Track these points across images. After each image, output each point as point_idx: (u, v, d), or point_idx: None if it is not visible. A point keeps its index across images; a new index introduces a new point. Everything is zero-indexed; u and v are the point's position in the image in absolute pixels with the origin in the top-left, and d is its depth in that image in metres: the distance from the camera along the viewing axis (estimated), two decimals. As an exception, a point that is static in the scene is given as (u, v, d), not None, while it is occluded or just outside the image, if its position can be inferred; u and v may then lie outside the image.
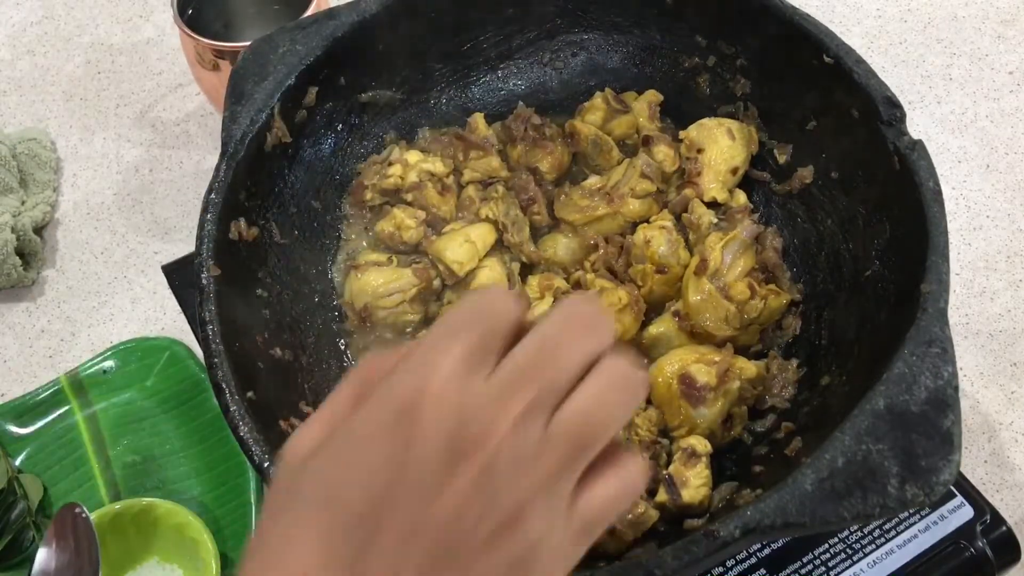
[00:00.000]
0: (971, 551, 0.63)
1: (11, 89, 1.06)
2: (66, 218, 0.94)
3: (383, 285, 0.70)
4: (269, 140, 0.68)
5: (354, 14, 0.71)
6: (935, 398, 0.49)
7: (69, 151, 1.00)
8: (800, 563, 0.63)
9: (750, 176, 0.74)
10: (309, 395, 0.65)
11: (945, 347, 0.51)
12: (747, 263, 0.67)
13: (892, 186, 0.60)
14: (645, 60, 0.80)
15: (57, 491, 0.75)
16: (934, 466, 0.47)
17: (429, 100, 0.80)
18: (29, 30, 1.12)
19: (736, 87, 0.75)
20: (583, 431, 0.35)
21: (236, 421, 0.55)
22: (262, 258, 0.68)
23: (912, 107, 0.95)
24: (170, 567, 0.69)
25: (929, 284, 0.53)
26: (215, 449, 0.75)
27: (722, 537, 0.47)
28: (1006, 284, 0.83)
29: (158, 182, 0.96)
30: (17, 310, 0.88)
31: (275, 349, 0.65)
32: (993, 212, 0.88)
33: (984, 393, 0.77)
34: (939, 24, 1.03)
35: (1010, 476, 0.73)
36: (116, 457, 0.76)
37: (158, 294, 0.87)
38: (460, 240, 0.70)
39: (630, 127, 0.77)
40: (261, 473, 0.53)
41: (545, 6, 0.79)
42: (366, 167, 0.76)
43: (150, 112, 1.02)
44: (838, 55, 0.65)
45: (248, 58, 0.70)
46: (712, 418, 0.62)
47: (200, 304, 0.60)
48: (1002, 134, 0.93)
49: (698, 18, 0.75)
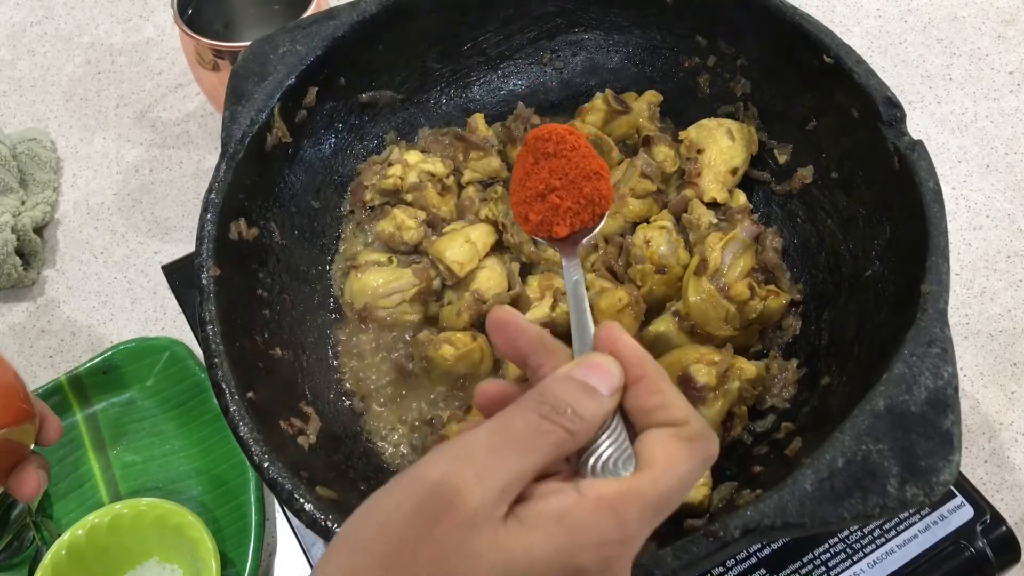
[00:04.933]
0: (971, 551, 0.63)
1: (11, 89, 1.06)
2: (66, 218, 0.94)
3: (383, 285, 0.70)
4: (269, 140, 0.68)
5: (354, 14, 0.71)
6: (935, 398, 0.49)
7: (69, 151, 1.00)
8: (800, 563, 0.63)
9: (750, 176, 0.74)
10: (309, 395, 0.65)
11: (945, 347, 0.51)
12: (747, 263, 0.67)
13: (892, 186, 0.60)
14: (645, 60, 0.80)
15: (57, 491, 0.75)
16: (934, 466, 0.47)
17: (429, 100, 0.80)
18: (29, 30, 1.12)
19: (736, 87, 0.75)
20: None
21: (236, 421, 0.55)
22: (262, 258, 0.68)
23: (912, 107, 0.95)
24: (170, 567, 0.69)
25: (929, 284, 0.53)
26: (215, 449, 0.75)
27: (722, 537, 0.47)
28: (1006, 284, 0.83)
29: (158, 182, 0.96)
30: (17, 310, 0.88)
31: (275, 349, 0.65)
32: (993, 212, 0.88)
33: (984, 393, 0.77)
34: (939, 24, 1.03)
35: (1010, 476, 0.73)
36: (116, 457, 0.76)
37: (158, 294, 0.87)
38: (460, 240, 0.70)
39: (630, 127, 0.77)
40: (261, 473, 0.53)
41: (545, 6, 0.79)
42: (366, 167, 0.76)
43: (150, 112, 1.02)
44: (838, 55, 0.65)
45: (248, 58, 0.70)
46: (712, 418, 0.62)
47: (200, 304, 0.60)
48: (1002, 134, 0.93)
49: (698, 18, 0.75)
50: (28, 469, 0.61)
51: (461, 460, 0.34)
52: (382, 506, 0.34)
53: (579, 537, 0.33)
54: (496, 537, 0.32)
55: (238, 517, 0.71)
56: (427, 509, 0.33)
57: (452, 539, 0.32)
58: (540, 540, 0.33)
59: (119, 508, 0.68)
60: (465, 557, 0.32)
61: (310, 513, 0.51)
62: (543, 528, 0.33)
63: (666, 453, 0.36)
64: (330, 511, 0.51)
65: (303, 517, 0.51)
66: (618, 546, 0.33)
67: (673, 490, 0.35)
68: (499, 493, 0.33)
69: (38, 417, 0.62)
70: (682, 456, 0.36)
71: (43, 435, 0.63)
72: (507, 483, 0.33)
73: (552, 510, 0.33)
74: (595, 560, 0.33)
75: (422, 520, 0.33)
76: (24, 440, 0.60)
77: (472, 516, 0.32)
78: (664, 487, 0.35)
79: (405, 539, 0.33)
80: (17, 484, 0.60)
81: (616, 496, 0.34)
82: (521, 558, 0.32)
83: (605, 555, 0.33)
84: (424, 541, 0.32)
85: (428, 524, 0.32)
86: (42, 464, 0.62)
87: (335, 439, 0.64)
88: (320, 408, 0.65)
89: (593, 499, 0.34)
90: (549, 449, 0.34)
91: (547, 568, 0.32)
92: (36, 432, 0.62)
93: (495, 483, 0.33)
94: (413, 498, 0.33)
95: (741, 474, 0.60)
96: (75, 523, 0.67)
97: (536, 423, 0.35)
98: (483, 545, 0.32)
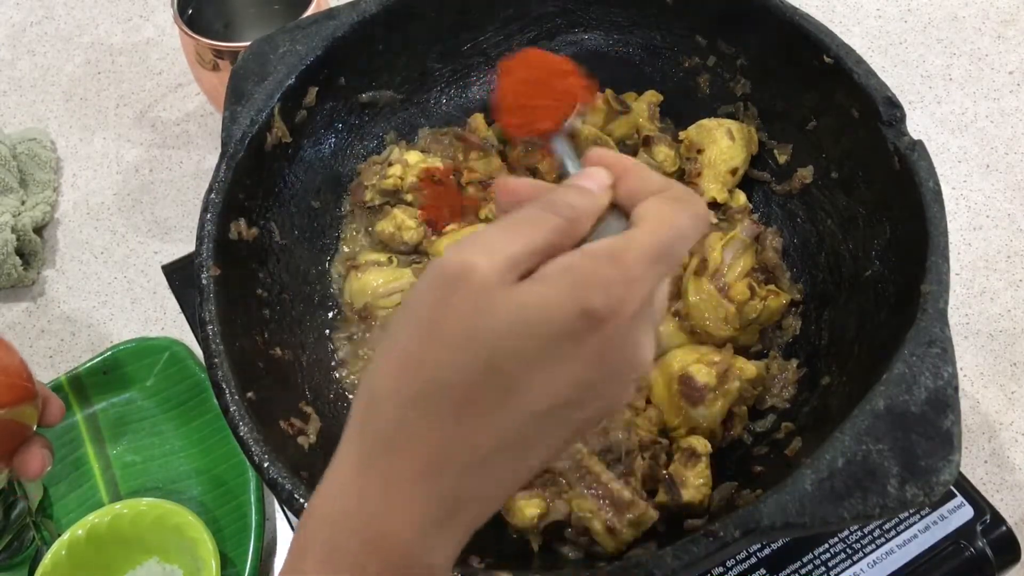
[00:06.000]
0: (971, 551, 0.63)
1: (11, 89, 1.06)
2: (66, 218, 0.94)
3: (383, 285, 0.70)
4: (269, 140, 0.68)
5: (354, 14, 0.71)
6: (935, 398, 0.49)
7: (69, 151, 1.00)
8: (800, 563, 0.63)
9: (750, 176, 0.74)
10: (309, 395, 0.65)
11: (945, 347, 0.51)
12: (747, 263, 0.67)
13: (892, 186, 0.60)
14: (645, 60, 0.80)
15: (57, 491, 0.75)
16: (934, 466, 0.47)
17: (429, 100, 0.80)
18: (29, 30, 1.12)
19: (736, 87, 0.75)
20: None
21: (236, 421, 0.55)
22: (262, 258, 0.68)
23: (912, 107, 0.95)
24: (170, 567, 0.69)
25: (929, 284, 0.53)
26: (215, 449, 0.75)
27: (722, 537, 0.47)
28: (1006, 284, 0.83)
29: (158, 182, 0.96)
30: (17, 310, 0.88)
31: (275, 349, 0.65)
32: (993, 212, 0.88)
33: (984, 393, 0.77)
34: (939, 24, 1.03)
35: (1010, 476, 0.73)
36: (116, 457, 0.76)
37: (158, 294, 0.87)
38: (460, 240, 0.70)
39: (630, 127, 0.77)
40: (261, 473, 0.53)
41: (545, 6, 0.79)
42: (366, 167, 0.76)
43: (150, 112, 1.02)
44: (838, 55, 0.65)
45: (248, 58, 0.70)
46: (712, 418, 0.62)
47: (200, 304, 0.60)
48: (1002, 134, 0.93)
49: (698, 18, 0.75)
50: (32, 448, 0.61)
51: (468, 244, 0.37)
52: (407, 300, 0.38)
53: (583, 280, 0.36)
54: (509, 292, 0.36)
55: (238, 517, 0.71)
56: (442, 285, 0.36)
57: (468, 302, 0.36)
58: (549, 287, 0.36)
59: (119, 508, 0.68)
60: (482, 314, 0.35)
61: (310, 513, 0.51)
62: (550, 278, 0.36)
63: (653, 210, 0.39)
64: (330, 511, 0.51)
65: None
66: (622, 287, 0.36)
67: (667, 238, 0.38)
68: (507, 262, 0.36)
69: (40, 398, 0.62)
70: (668, 209, 0.39)
71: (46, 416, 0.63)
72: (514, 255, 0.36)
73: (558, 265, 0.37)
74: (603, 300, 0.35)
75: (439, 295, 0.36)
76: (27, 420, 0.61)
77: (483, 280, 0.36)
78: (658, 235, 0.38)
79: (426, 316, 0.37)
80: (22, 463, 0.60)
81: (612, 245, 0.37)
82: (534, 303, 0.35)
83: (611, 295, 0.36)
84: (443, 311, 0.36)
85: (445, 296, 0.36)
86: (46, 444, 0.62)
87: (335, 439, 0.63)
88: (320, 408, 0.65)
89: (592, 251, 0.37)
90: (549, 231, 0.38)
91: (561, 310, 0.35)
92: (39, 413, 0.62)
93: (502, 254, 0.36)
94: (430, 282, 0.37)
95: (741, 474, 0.60)
96: (75, 523, 0.67)
97: (537, 212, 0.38)
98: (497, 300, 0.36)
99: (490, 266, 0.36)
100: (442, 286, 0.36)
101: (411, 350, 0.37)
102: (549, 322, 0.35)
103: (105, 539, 0.68)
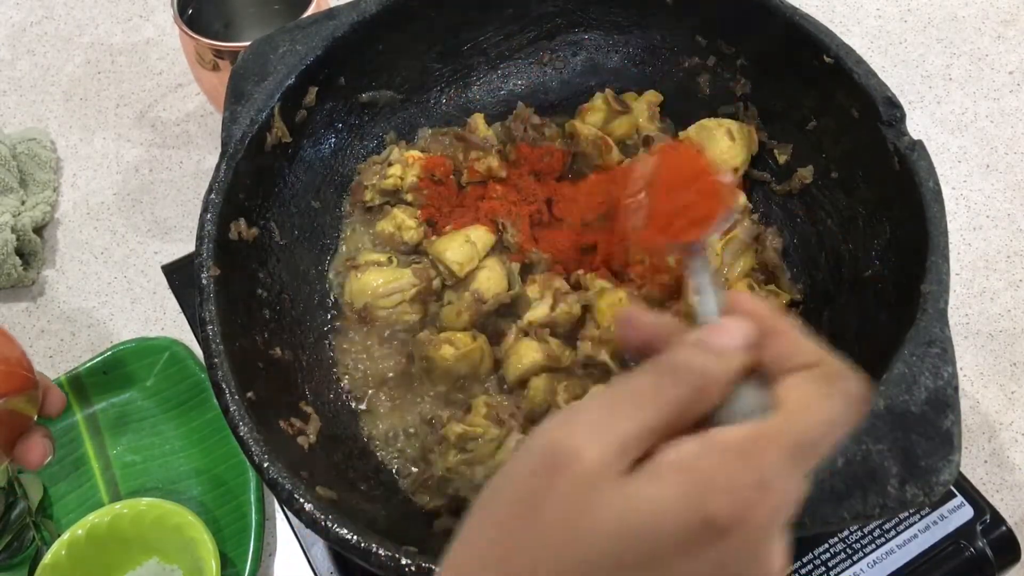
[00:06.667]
0: (971, 551, 0.63)
1: (11, 89, 1.06)
2: (66, 218, 0.94)
3: (383, 285, 0.70)
4: (269, 140, 0.68)
5: (354, 14, 0.71)
6: (935, 398, 0.49)
7: (69, 151, 1.00)
8: (800, 563, 0.63)
9: (750, 176, 0.74)
10: (309, 395, 0.65)
11: (945, 347, 0.51)
12: (747, 263, 0.67)
13: (892, 186, 0.60)
14: (645, 60, 0.80)
15: (57, 491, 0.75)
16: (934, 466, 0.47)
17: (429, 100, 0.80)
18: (29, 30, 1.12)
19: (736, 87, 0.75)
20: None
21: (236, 421, 0.55)
22: (262, 258, 0.68)
23: (912, 107, 0.95)
24: (170, 567, 0.69)
25: (929, 284, 0.53)
26: (215, 449, 0.75)
27: (722, 537, 0.47)
28: (1006, 284, 0.83)
29: (158, 182, 0.96)
30: (17, 310, 0.88)
31: (275, 349, 0.65)
32: (993, 212, 0.88)
33: (984, 393, 0.77)
34: (939, 24, 1.03)
35: (1010, 476, 0.73)
36: (116, 457, 0.76)
37: (158, 294, 0.87)
38: (460, 240, 0.70)
39: (630, 127, 0.77)
40: (261, 473, 0.53)
41: (545, 6, 0.79)
42: (366, 167, 0.76)
43: (150, 112, 1.02)
44: (838, 55, 0.65)
45: (248, 58, 0.70)
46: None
47: (200, 304, 0.60)
48: (1002, 134, 0.93)
49: (698, 18, 0.75)
50: (34, 438, 0.61)
51: (571, 422, 0.32)
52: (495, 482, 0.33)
53: (705, 482, 0.30)
54: (618, 489, 0.31)
55: (238, 517, 0.71)
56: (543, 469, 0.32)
57: (572, 493, 0.31)
58: (664, 488, 0.30)
59: (119, 508, 0.68)
60: (587, 510, 0.31)
61: (310, 513, 0.51)
62: (667, 477, 0.31)
63: (799, 393, 0.33)
64: (330, 511, 0.51)
65: (303, 517, 0.51)
66: (752, 491, 0.30)
67: (811, 430, 0.32)
68: (616, 448, 0.31)
69: (41, 388, 0.62)
70: (816, 395, 0.33)
71: (46, 406, 0.63)
72: (624, 439, 0.31)
73: (675, 458, 0.31)
74: (728, 507, 0.30)
75: (539, 479, 0.31)
76: (28, 410, 0.61)
77: (590, 469, 0.31)
78: (799, 427, 0.32)
79: (523, 499, 0.32)
80: (24, 452, 0.60)
81: (744, 439, 0.31)
82: (645, 507, 0.30)
83: (739, 501, 0.30)
84: (544, 497, 0.31)
85: (546, 481, 0.31)
86: (47, 434, 0.62)
87: (335, 439, 0.64)
88: (320, 408, 0.65)
89: (719, 443, 0.31)
90: (669, 406, 0.32)
91: (676, 518, 0.30)
92: (40, 403, 0.62)
93: (611, 438, 0.31)
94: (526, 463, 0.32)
95: (741, 474, 0.60)
96: (75, 523, 0.67)
97: (654, 380, 0.33)
98: (604, 497, 0.31)
99: (599, 455, 0.31)
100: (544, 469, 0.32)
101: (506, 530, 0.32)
102: (660, 531, 0.30)
103: (105, 539, 0.68)
